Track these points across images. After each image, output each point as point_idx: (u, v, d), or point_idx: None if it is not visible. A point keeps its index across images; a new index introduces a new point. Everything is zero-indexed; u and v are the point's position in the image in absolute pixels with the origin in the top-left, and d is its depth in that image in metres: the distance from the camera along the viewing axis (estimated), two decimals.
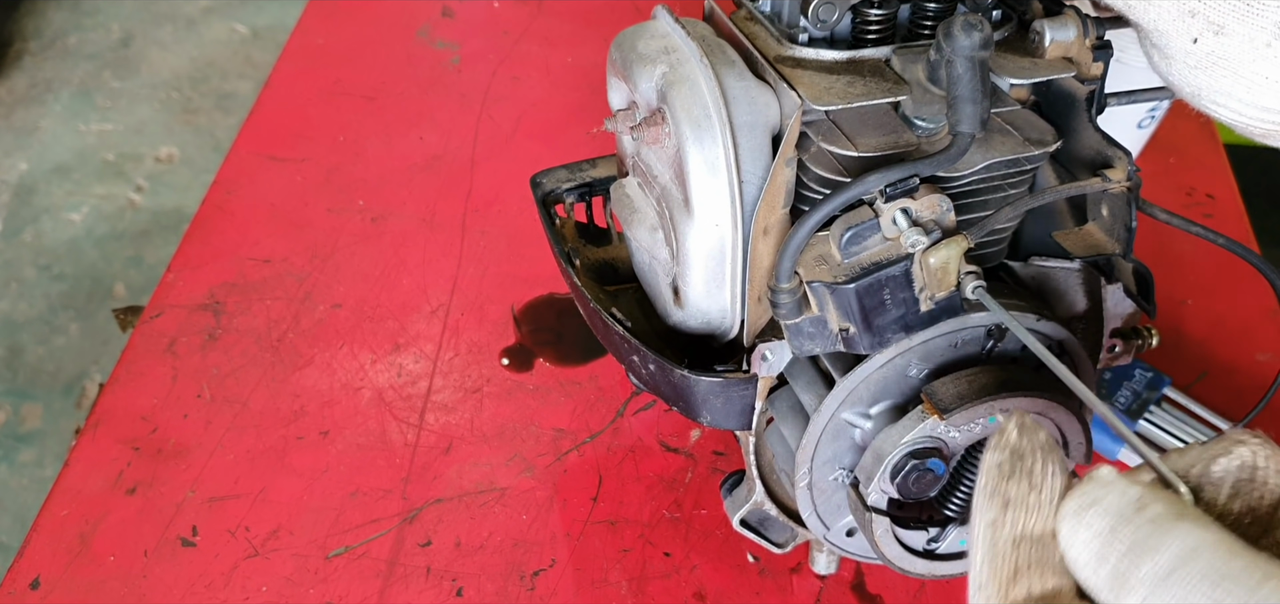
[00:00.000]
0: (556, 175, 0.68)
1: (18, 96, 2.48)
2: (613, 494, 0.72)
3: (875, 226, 0.49)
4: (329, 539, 0.69)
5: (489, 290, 0.87)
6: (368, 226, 0.93)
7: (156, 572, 0.67)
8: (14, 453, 1.74)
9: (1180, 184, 1.00)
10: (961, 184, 0.52)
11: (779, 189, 0.51)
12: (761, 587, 0.67)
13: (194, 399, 0.78)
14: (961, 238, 0.47)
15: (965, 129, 0.47)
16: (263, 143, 1.02)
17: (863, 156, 0.50)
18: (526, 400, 0.78)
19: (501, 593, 0.67)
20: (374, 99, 1.08)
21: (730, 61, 0.52)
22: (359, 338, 0.83)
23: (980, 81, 0.46)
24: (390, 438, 0.76)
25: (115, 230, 2.13)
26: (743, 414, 0.58)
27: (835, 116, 0.52)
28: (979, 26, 0.46)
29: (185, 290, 0.86)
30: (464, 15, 1.21)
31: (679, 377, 0.56)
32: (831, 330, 0.50)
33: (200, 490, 0.72)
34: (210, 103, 2.47)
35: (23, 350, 1.89)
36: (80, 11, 2.75)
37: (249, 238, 0.92)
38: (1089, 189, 0.53)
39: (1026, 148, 0.52)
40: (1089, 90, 0.55)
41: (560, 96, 1.09)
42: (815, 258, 0.50)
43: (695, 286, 0.54)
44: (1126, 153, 0.53)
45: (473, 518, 0.71)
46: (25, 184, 2.23)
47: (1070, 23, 0.53)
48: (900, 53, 0.53)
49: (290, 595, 0.66)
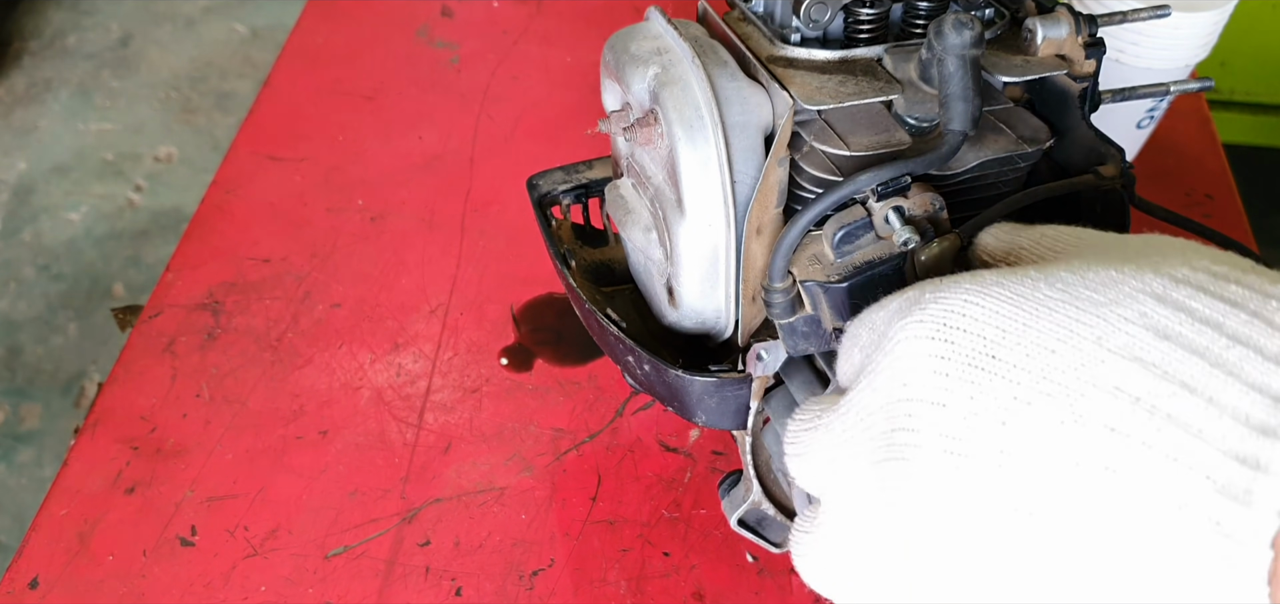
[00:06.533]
0: (552, 177, 0.68)
1: (17, 96, 2.48)
2: (612, 494, 0.72)
3: (867, 225, 0.49)
4: (328, 539, 0.70)
5: (488, 290, 0.87)
6: (367, 226, 0.93)
7: (155, 571, 0.68)
8: (13, 453, 1.74)
9: (1179, 184, 1.00)
10: (954, 182, 0.52)
11: (772, 189, 0.51)
12: (760, 586, 0.68)
13: (193, 399, 0.78)
14: (954, 236, 0.48)
15: (957, 127, 0.47)
16: (262, 142, 1.02)
17: (855, 156, 0.50)
18: (525, 400, 0.79)
19: (500, 592, 0.67)
20: (373, 99, 1.08)
21: (722, 62, 0.52)
22: (358, 337, 0.83)
23: (972, 79, 0.47)
24: (389, 437, 0.76)
25: (114, 230, 2.13)
26: (738, 414, 0.58)
27: (828, 116, 0.52)
28: (970, 24, 0.46)
29: (184, 290, 0.86)
30: (463, 15, 1.21)
31: (674, 377, 0.56)
32: (825, 329, 0.50)
33: (199, 490, 0.72)
34: (209, 102, 2.47)
35: (21, 350, 1.89)
36: (79, 11, 2.75)
37: (248, 237, 0.92)
38: (1082, 186, 0.53)
39: (1019, 146, 0.52)
40: (1082, 88, 0.55)
41: (559, 96, 1.09)
42: (808, 257, 0.50)
43: (689, 286, 0.54)
44: (1120, 150, 0.54)
45: (472, 518, 0.71)
46: (24, 184, 2.24)
47: (1062, 20, 0.54)
48: (892, 52, 0.54)
49: (289, 595, 0.66)
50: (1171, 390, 0.31)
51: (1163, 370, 0.32)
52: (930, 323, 0.37)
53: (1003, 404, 0.34)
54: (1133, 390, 0.32)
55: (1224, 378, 0.31)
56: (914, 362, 0.37)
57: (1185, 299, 0.33)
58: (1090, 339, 0.34)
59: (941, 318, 0.37)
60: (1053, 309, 0.35)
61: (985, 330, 0.36)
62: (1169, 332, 0.33)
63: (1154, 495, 0.31)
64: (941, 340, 0.36)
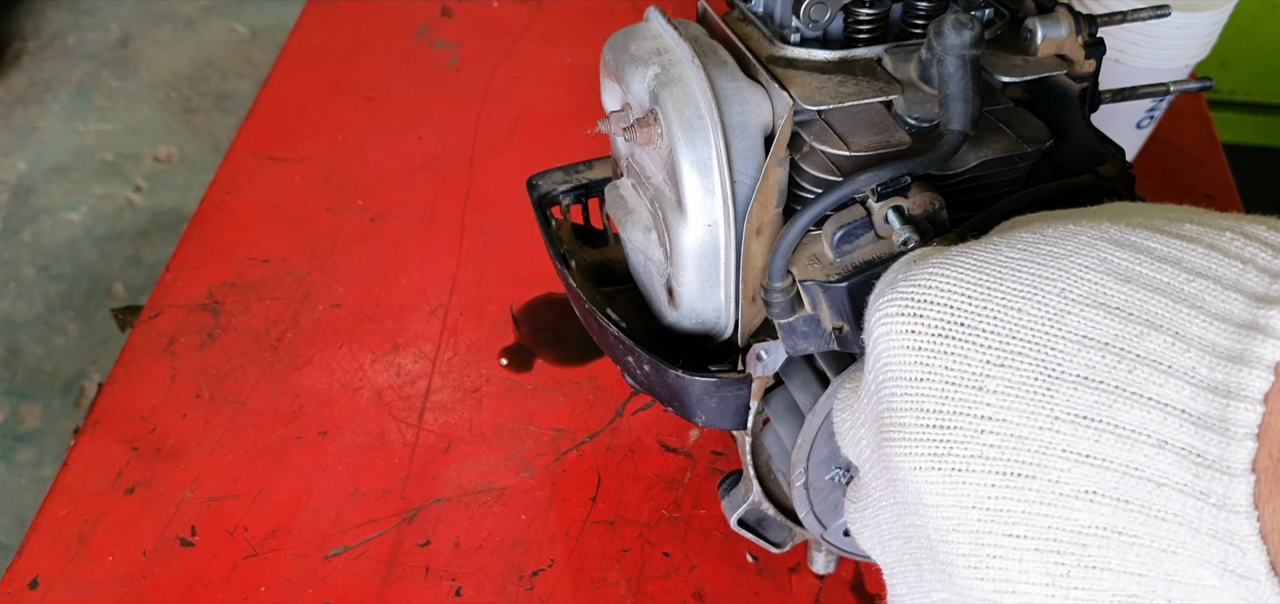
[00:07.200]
0: (552, 177, 0.68)
1: (16, 96, 2.48)
2: (612, 494, 0.72)
3: (867, 225, 0.49)
4: (328, 539, 0.69)
5: (488, 290, 0.87)
6: (367, 226, 0.93)
7: (155, 571, 0.67)
8: (13, 453, 1.74)
9: (1179, 185, 1.00)
10: (954, 182, 0.52)
11: (771, 189, 0.51)
12: (760, 586, 0.68)
13: (193, 399, 0.78)
14: (954, 236, 0.47)
15: (957, 127, 0.47)
16: (262, 142, 1.02)
17: (855, 156, 0.50)
18: (525, 400, 0.79)
19: (500, 593, 0.67)
20: (373, 99, 1.08)
21: (722, 62, 0.52)
22: (358, 338, 0.83)
23: (971, 79, 0.47)
24: (389, 438, 0.76)
25: (114, 230, 2.13)
26: (738, 414, 0.58)
27: (827, 116, 0.52)
28: (969, 24, 0.46)
29: (184, 290, 0.86)
30: (463, 15, 1.21)
31: (673, 377, 0.56)
32: (825, 329, 0.50)
33: (199, 490, 0.72)
34: (209, 102, 2.47)
35: (21, 350, 1.89)
36: (79, 11, 2.75)
37: (248, 237, 0.92)
38: (1082, 186, 0.53)
39: (1019, 145, 0.52)
40: (1082, 88, 0.55)
41: (559, 96, 1.09)
42: (808, 257, 0.50)
43: (689, 286, 0.54)
44: (1120, 150, 0.54)
45: (472, 518, 0.71)
46: (24, 184, 2.23)
47: (1062, 20, 0.54)
48: (892, 52, 0.54)
49: (289, 595, 0.66)
50: (1138, 331, 0.32)
51: (1127, 313, 0.32)
52: (900, 300, 0.38)
53: (976, 369, 0.35)
54: (1101, 336, 0.33)
55: (1188, 312, 0.32)
56: (888, 342, 0.38)
57: (1142, 240, 0.34)
58: (1054, 292, 0.34)
59: (909, 293, 0.38)
60: (1015, 268, 0.36)
61: (952, 299, 0.36)
62: (1130, 274, 0.33)
63: (1134, 439, 0.31)
64: (911, 314, 0.37)
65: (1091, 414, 0.32)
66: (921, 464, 0.37)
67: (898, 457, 0.38)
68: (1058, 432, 0.33)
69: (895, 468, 0.38)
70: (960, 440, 0.35)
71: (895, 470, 0.39)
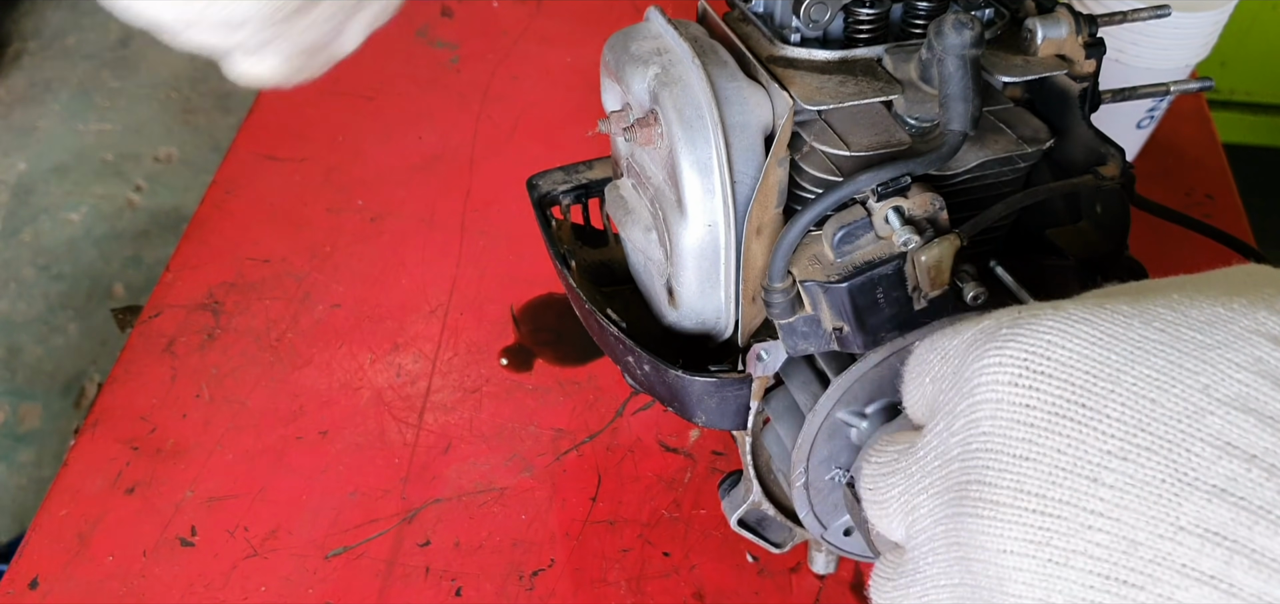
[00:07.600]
0: (552, 177, 0.68)
1: (16, 96, 2.48)
2: (612, 494, 0.72)
3: (867, 225, 0.49)
4: (328, 539, 0.69)
5: (488, 290, 0.87)
6: (367, 226, 0.93)
7: (155, 571, 0.67)
8: (13, 453, 1.74)
9: (1179, 184, 1.00)
10: (954, 182, 0.52)
11: (772, 189, 0.51)
12: (760, 586, 0.68)
13: (193, 399, 0.78)
14: (954, 236, 0.47)
15: (957, 127, 0.47)
16: (262, 142, 1.02)
17: (855, 156, 0.50)
18: (525, 400, 0.79)
19: (500, 593, 0.67)
20: (373, 98, 1.08)
21: (722, 62, 0.52)
22: (358, 338, 0.83)
23: (971, 79, 0.47)
24: (389, 438, 0.76)
25: (114, 230, 2.13)
26: (738, 414, 0.58)
27: (828, 116, 0.52)
28: (970, 24, 0.46)
29: (184, 290, 0.86)
30: (463, 15, 1.21)
31: (673, 377, 0.56)
32: (825, 330, 0.50)
33: (199, 490, 0.72)
34: (209, 102, 2.47)
35: (21, 350, 1.89)
36: (79, 11, 2.75)
37: (248, 237, 0.92)
38: (1082, 186, 0.53)
39: (1019, 146, 0.52)
40: (1082, 88, 0.55)
41: (559, 96, 1.09)
42: (808, 257, 0.50)
43: (689, 286, 0.54)
44: (1120, 150, 0.54)
45: (472, 518, 0.71)
46: (24, 184, 2.24)
47: (1062, 20, 0.54)
48: (892, 52, 0.54)
49: (289, 595, 0.66)
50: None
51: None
52: (1012, 366, 0.33)
53: (1094, 458, 0.31)
54: (1247, 447, 0.29)
55: None
56: (995, 408, 0.34)
57: None
58: (1196, 387, 0.30)
59: (1023, 359, 0.33)
60: (1150, 352, 0.31)
61: (1073, 374, 0.32)
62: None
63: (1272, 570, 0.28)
64: (1025, 385, 0.33)
65: (1224, 532, 0.28)
66: (1012, 547, 0.32)
67: (983, 535, 0.33)
68: (1180, 544, 0.29)
69: (976, 547, 0.34)
70: (1063, 531, 0.31)
71: (975, 550, 0.34)
